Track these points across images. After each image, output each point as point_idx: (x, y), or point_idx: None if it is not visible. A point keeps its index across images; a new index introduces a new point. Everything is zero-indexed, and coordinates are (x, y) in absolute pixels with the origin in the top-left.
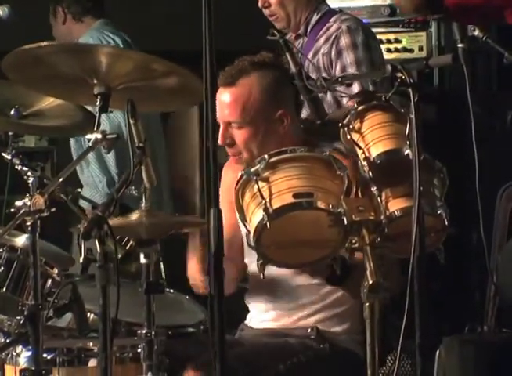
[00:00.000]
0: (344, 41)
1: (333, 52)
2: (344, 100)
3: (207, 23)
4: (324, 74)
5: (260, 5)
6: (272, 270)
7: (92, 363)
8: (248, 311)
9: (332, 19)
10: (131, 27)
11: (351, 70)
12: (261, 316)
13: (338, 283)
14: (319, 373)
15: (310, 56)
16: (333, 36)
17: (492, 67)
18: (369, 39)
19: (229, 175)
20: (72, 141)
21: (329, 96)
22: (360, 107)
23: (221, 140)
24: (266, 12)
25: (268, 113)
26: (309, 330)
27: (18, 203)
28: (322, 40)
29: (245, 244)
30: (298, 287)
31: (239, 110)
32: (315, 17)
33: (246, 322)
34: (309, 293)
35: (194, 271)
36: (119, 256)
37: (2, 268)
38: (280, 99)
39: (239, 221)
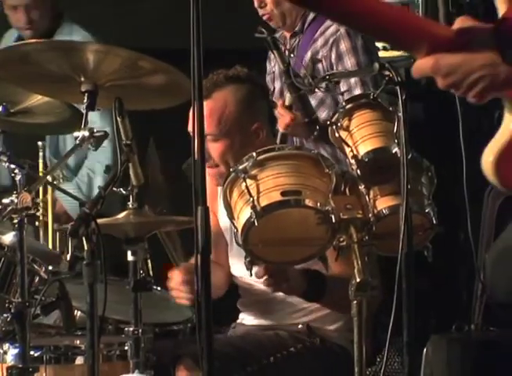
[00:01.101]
0: (344, 45)
1: (333, 56)
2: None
3: (195, 21)
4: None
5: (256, 4)
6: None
7: (79, 360)
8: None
9: None
10: (118, 24)
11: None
12: (251, 317)
13: (315, 298)
14: (309, 366)
15: (308, 56)
16: (332, 39)
17: None
18: (368, 43)
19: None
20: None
21: (328, 99)
22: (348, 105)
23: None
24: (261, 11)
25: (244, 126)
26: (300, 326)
27: (5, 200)
28: (319, 42)
29: (229, 249)
30: (288, 297)
31: (214, 123)
32: (311, 16)
33: (239, 321)
34: (300, 302)
35: (177, 281)
36: None
37: None
38: (255, 112)
39: (228, 218)
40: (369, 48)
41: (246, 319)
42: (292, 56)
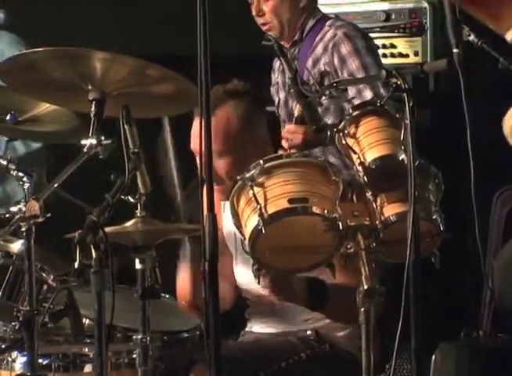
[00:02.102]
0: (345, 48)
1: (335, 61)
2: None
3: (202, 29)
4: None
5: (254, 13)
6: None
7: (88, 368)
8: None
9: (327, 24)
10: (126, 31)
11: (360, 75)
12: (260, 326)
13: (317, 306)
14: (319, 371)
15: (309, 64)
16: (331, 44)
17: (488, 72)
18: (369, 43)
19: None
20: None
21: (332, 106)
22: (355, 112)
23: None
24: (260, 21)
25: (247, 140)
26: (309, 332)
27: (13, 208)
28: (320, 48)
29: (234, 259)
30: (296, 307)
31: (218, 141)
32: (311, 23)
33: (247, 329)
34: (308, 311)
35: (184, 292)
36: None
37: None
38: (256, 125)
39: (235, 227)
40: (371, 48)
41: (255, 327)
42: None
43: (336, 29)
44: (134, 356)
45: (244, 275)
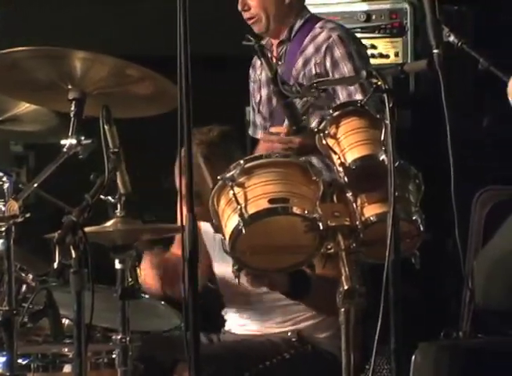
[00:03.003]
0: (339, 51)
1: (328, 64)
2: None
3: (182, 29)
4: None
5: (240, 7)
6: (242, 287)
7: (67, 368)
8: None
9: (318, 25)
10: (106, 31)
11: None
12: (239, 327)
13: (298, 296)
14: (302, 372)
15: (299, 64)
16: (324, 46)
17: (468, 73)
18: (361, 48)
19: None
20: None
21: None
22: (336, 113)
23: None
24: (246, 15)
25: None
26: (290, 334)
27: None
28: (311, 49)
29: (212, 253)
30: (275, 307)
31: None
32: (299, 22)
33: (227, 328)
34: (286, 312)
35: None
36: None
37: None
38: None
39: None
40: (362, 53)
41: (234, 327)
42: (280, 63)
43: (329, 31)
44: (113, 356)
45: (222, 270)
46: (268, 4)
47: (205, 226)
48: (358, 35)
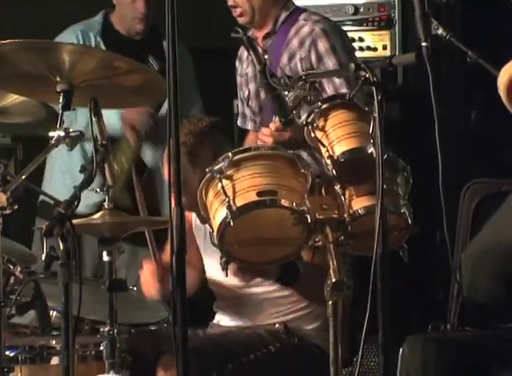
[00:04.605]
0: (323, 45)
1: (312, 58)
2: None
3: (170, 21)
4: None
5: None
6: (230, 281)
7: (55, 360)
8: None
9: (301, 17)
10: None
11: None
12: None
13: (288, 282)
14: (288, 364)
15: (285, 58)
16: (308, 40)
17: (456, 66)
18: (345, 41)
19: None
20: None
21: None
22: (324, 105)
23: None
24: (230, 2)
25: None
26: (277, 326)
27: None
28: (295, 42)
29: (202, 250)
30: (264, 301)
31: None
32: (284, 14)
33: (215, 322)
34: (276, 305)
35: (148, 278)
36: None
37: None
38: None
39: (200, 219)
40: (347, 46)
41: (223, 320)
42: (266, 56)
43: (313, 24)
44: (101, 348)
45: (212, 267)
46: None
47: (197, 221)
48: (346, 28)
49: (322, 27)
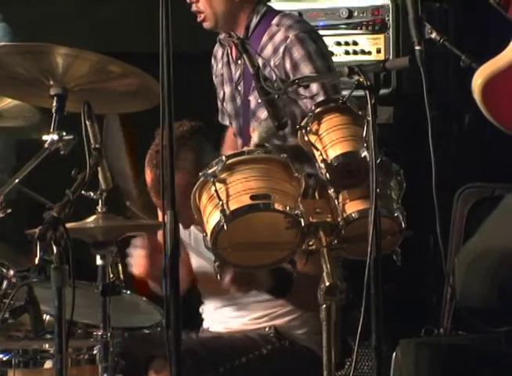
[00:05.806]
0: (298, 52)
1: (287, 65)
2: (309, 105)
3: (165, 25)
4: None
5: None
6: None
7: (48, 364)
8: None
9: (274, 22)
10: (87, 27)
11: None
12: (216, 324)
13: (281, 294)
14: (279, 367)
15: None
16: (282, 47)
17: (450, 70)
18: (320, 46)
19: None
20: None
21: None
22: (318, 109)
23: None
24: (193, 8)
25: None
26: (267, 329)
27: None
28: (269, 50)
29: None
30: (251, 303)
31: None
32: (255, 20)
33: (205, 327)
34: (263, 307)
35: (138, 255)
36: None
37: None
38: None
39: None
40: (323, 52)
41: (212, 326)
42: (239, 62)
43: (286, 31)
44: (94, 352)
45: (197, 264)
46: (215, 1)
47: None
48: (340, 32)
49: (295, 33)
